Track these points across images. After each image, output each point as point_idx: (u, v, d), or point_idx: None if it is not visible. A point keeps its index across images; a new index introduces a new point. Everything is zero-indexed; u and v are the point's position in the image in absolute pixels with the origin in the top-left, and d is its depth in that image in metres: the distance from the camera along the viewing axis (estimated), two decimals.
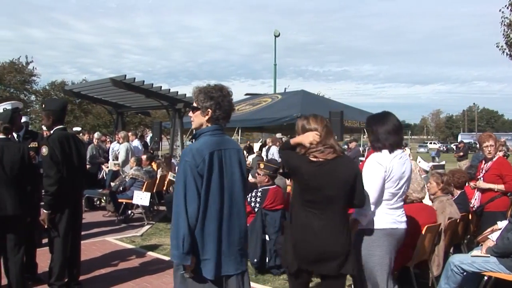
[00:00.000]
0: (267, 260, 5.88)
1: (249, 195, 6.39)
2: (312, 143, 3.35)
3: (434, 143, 75.60)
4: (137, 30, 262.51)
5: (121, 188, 10.02)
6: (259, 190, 6.35)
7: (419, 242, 4.94)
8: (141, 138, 14.89)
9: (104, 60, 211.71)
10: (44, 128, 6.77)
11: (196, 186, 2.90)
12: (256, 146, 23.62)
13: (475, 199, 6.32)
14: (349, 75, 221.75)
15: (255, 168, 8.32)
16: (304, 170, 3.36)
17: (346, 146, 16.14)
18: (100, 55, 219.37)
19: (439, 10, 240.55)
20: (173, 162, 12.28)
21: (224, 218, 3.02)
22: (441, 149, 56.35)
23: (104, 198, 11.01)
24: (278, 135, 16.75)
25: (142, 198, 9.05)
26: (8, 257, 4.78)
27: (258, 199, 6.23)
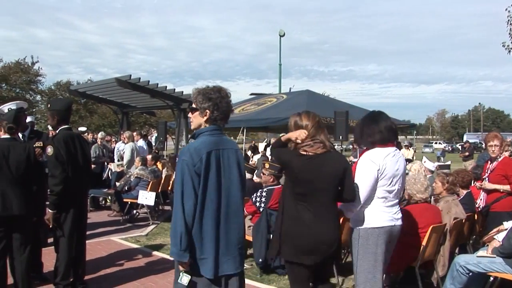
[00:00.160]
0: (273, 260, 5.87)
1: (254, 195, 6.39)
2: (297, 138, 3.51)
3: (440, 143, 75.30)
4: (142, 30, 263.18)
5: (126, 188, 10.05)
6: (264, 190, 6.35)
7: (424, 242, 4.94)
8: (144, 138, 14.92)
9: (110, 60, 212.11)
10: (49, 128, 6.80)
11: (192, 184, 2.93)
12: (261, 146, 23.65)
13: (481, 199, 6.30)
14: (354, 75, 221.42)
15: (260, 168, 8.32)
16: (295, 164, 3.52)
17: (351, 146, 16.08)
18: (105, 55, 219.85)
19: (444, 10, 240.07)
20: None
21: (221, 218, 3.04)
22: (446, 149, 56.21)
23: (109, 197, 11.04)
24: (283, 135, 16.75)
25: (147, 197, 9.08)
26: (14, 256, 4.81)
27: (263, 199, 6.23)
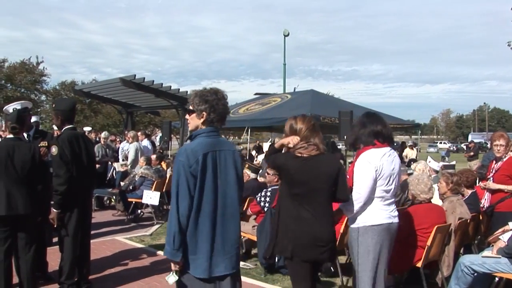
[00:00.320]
0: (276, 260, 5.87)
1: (258, 195, 6.40)
2: (289, 142, 3.63)
3: (444, 143, 75.12)
4: (146, 30, 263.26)
5: (130, 188, 10.06)
6: (269, 189, 6.35)
7: (429, 243, 4.92)
8: (147, 137, 14.93)
9: (114, 60, 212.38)
10: (54, 127, 6.82)
11: (187, 185, 2.95)
12: (265, 146, 23.59)
13: (485, 199, 6.27)
14: (358, 74, 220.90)
15: (264, 168, 8.33)
16: (290, 165, 3.62)
17: None
18: (109, 55, 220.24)
19: (448, 9, 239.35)
20: None
21: (217, 219, 3.06)
22: (451, 149, 56.06)
23: (114, 197, 11.06)
24: None
25: (151, 197, 9.08)
26: (19, 255, 4.82)
27: (267, 199, 6.23)
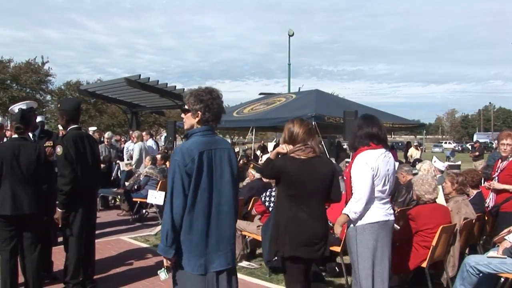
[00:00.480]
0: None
1: (263, 195, 6.39)
2: (283, 149, 3.87)
3: (449, 142, 74.91)
4: (151, 30, 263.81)
5: (135, 187, 10.08)
6: (274, 189, 6.33)
7: (434, 243, 4.91)
8: (150, 137, 14.94)
9: (119, 60, 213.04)
10: (60, 127, 6.83)
11: (182, 184, 3.00)
12: (270, 146, 23.59)
13: (490, 199, 6.25)
14: (363, 74, 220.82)
15: None
16: (290, 167, 3.77)
17: None
18: (114, 55, 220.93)
19: (454, 9, 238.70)
20: None
21: (212, 216, 3.11)
22: (456, 149, 55.86)
23: (119, 197, 11.08)
24: None
25: (156, 197, 9.08)
26: (24, 255, 4.84)
27: (272, 199, 6.22)
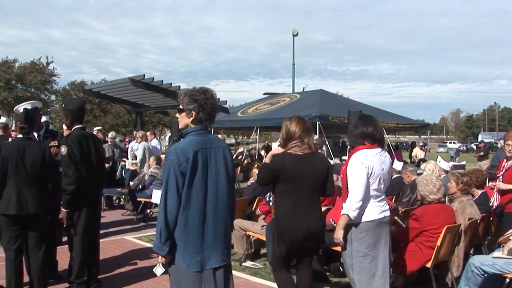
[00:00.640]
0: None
1: (267, 195, 6.38)
2: (278, 151, 4.14)
3: (454, 142, 74.54)
4: (156, 30, 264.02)
5: (140, 187, 10.09)
6: None
7: (438, 243, 4.90)
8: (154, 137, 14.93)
9: (123, 60, 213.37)
10: (64, 127, 6.85)
11: (176, 183, 3.05)
12: (274, 146, 23.58)
13: (494, 199, 6.22)
14: (367, 74, 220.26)
15: None
16: (288, 162, 3.99)
17: None
18: (119, 55, 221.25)
19: (459, 8, 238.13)
20: None
21: (208, 213, 3.14)
22: (461, 149, 55.72)
23: (123, 197, 11.10)
24: None
25: None
26: (29, 254, 4.86)
27: None
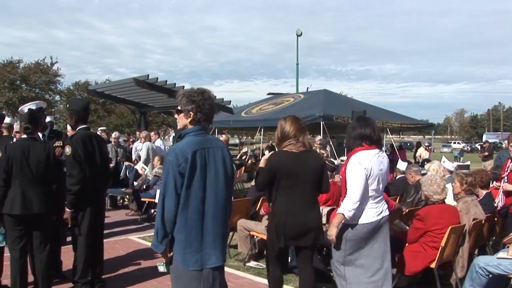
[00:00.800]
0: (289, 260, 5.86)
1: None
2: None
3: (458, 143, 74.25)
4: (159, 30, 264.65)
5: (144, 187, 10.09)
6: None
7: (443, 243, 4.89)
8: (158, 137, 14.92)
9: (127, 60, 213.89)
10: (68, 127, 6.85)
11: (174, 184, 3.06)
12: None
13: (499, 200, 6.21)
14: (371, 74, 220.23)
15: None
16: (284, 159, 4.18)
17: None
18: (123, 55, 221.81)
19: (462, 8, 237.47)
20: None
21: (207, 213, 3.15)
22: (465, 149, 55.56)
23: (127, 197, 11.11)
24: None
25: None
26: (34, 254, 4.86)
27: None
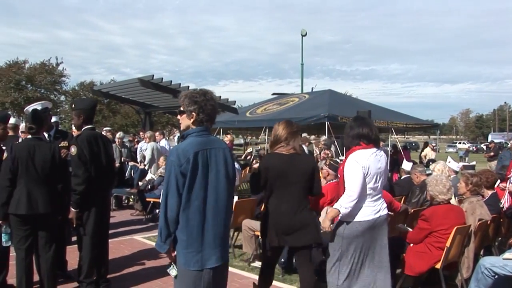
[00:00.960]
0: (294, 260, 5.85)
1: None
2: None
3: (464, 143, 74.04)
4: (164, 30, 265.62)
5: (149, 187, 10.11)
6: None
7: (448, 244, 4.88)
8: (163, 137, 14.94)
9: (132, 61, 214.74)
10: (73, 128, 6.86)
11: (176, 184, 3.09)
12: None
13: (505, 200, 6.19)
14: (376, 74, 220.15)
15: None
16: (276, 160, 4.36)
17: None
18: (128, 56, 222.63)
19: (468, 8, 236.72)
20: None
21: (208, 213, 3.18)
22: (470, 149, 55.37)
23: (132, 197, 11.13)
24: (304, 135, 16.66)
25: None
26: (39, 254, 4.87)
27: None
